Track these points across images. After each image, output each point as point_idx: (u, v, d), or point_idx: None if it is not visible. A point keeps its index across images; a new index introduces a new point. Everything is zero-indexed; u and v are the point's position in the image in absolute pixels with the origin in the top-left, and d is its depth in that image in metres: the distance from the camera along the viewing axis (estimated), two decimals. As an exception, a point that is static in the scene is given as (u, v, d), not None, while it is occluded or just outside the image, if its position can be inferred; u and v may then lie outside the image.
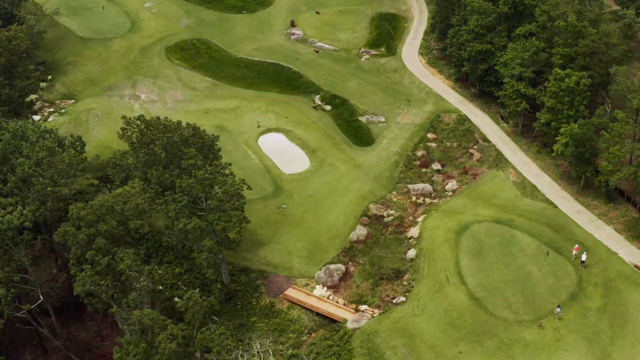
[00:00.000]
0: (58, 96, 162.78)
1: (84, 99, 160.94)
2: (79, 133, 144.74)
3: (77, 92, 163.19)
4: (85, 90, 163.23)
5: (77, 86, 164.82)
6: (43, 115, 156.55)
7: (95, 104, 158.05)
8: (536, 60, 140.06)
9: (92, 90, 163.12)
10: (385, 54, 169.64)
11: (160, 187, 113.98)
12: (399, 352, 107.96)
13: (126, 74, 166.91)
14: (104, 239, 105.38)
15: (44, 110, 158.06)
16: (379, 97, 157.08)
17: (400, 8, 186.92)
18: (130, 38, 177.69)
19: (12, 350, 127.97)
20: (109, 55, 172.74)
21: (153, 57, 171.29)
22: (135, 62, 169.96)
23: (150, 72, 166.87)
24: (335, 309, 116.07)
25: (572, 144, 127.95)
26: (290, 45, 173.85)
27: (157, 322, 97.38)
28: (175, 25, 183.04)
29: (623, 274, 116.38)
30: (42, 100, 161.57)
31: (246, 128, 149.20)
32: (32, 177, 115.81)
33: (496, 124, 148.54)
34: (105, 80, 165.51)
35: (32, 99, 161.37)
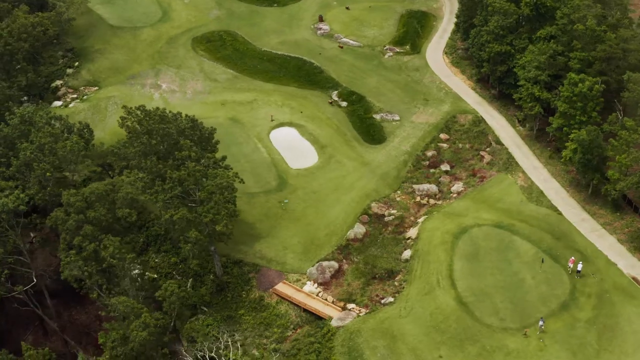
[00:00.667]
0: (82, 83, 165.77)
1: (106, 87, 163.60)
2: (97, 120, 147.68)
3: (102, 80, 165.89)
4: (109, 78, 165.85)
5: (102, 74, 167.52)
6: (65, 100, 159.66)
7: (117, 92, 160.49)
8: (553, 63, 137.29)
9: (116, 78, 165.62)
10: (410, 51, 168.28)
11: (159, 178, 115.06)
12: (378, 353, 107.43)
13: (151, 63, 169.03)
14: (91, 225, 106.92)
15: (67, 96, 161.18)
16: (396, 95, 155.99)
17: (431, 6, 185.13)
18: (160, 28, 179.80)
19: (13, 331, 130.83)
20: (136, 44, 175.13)
21: (179, 48, 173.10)
22: (161, 52, 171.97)
23: (175, 62, 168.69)
24: (323, 306, 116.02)
25: (580, 150, 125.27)
26: (316, 40, 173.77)
27: (133, 309, 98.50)
28: (205, 16, 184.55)
29: (619, 285, 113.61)
30: (66, 86, 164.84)
31: (260, 121, 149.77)
32: (34, 162, 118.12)
33: (512, 126, 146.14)
34: (130, 69, 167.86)
35: (58, 85, 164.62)
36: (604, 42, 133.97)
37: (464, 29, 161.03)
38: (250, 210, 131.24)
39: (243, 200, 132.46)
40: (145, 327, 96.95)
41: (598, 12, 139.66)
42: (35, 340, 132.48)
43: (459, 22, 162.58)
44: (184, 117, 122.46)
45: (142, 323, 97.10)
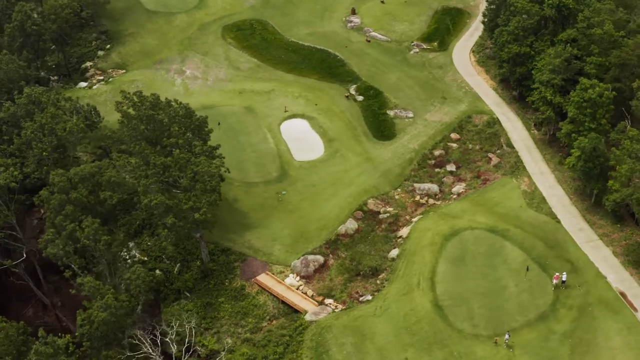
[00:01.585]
0: (111, 65, 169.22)
1: (133, 70, 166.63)
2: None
3: (130, 63, 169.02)
4: (137, 62, 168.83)
5: (131, 57, 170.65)
6: (91, 82, 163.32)
7: (141, 76, 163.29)
8: (568, 67, 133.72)
9: (144, 62, 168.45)
10: (436, 48, 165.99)
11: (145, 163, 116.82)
12: (344, 350, 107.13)
13: (179, 49, 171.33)
14: (72, 206, 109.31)
15: (93, 78, 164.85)
16: (414, 92, 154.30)
17: (468, 3, 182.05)
18: (194, 14, 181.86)
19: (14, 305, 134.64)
20: (169, 29, 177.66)
21: (209, 35, 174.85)
22: (191, 38, 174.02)
23: (202, 49, 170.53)
24: (300, 299, 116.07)
25: (582, 158, 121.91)
26: (345, 33, 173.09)
27: (98, 290, 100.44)
28: (240, 5, 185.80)
29: (604, 299, 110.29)
30: (95, 67, 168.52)
31: (273, 111, 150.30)
32: (33, 142, 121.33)
33: (527, 130, 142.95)
34: (159, 54, 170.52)
35: (87, 66, 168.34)
36: (620, 47, 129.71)
37: (489, 27, 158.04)
38: (246, 199, 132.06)
39: (241, 190, 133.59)
40: (106, 308, 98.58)
41: (621, 16, 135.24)
42: (35, 313, 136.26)
43: (485, 20, 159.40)
44: (177, 104, 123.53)
45: (104, 304, 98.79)
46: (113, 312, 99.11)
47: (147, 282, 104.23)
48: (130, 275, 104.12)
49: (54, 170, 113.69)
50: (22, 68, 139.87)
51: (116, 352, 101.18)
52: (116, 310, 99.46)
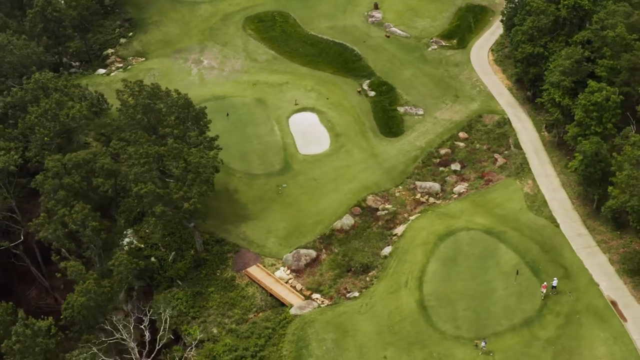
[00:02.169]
0: (132, 53, 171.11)
1: (152, 59, 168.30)
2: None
3: (150, 52, 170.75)
4: (158, 50, 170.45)
5: (152, 45, 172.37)
6: (110, 69, 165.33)
7: (159, 65, 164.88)
8: (578, 69, 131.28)
9: (164, 51, 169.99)
10: (455, 46, 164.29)
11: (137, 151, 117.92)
12: (324, 346, 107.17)
13: (200, 39, 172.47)
14: (64, 191, 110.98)
15: (112, 65, 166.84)
16: (427, 89, 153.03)
17: (493, 1, 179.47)
18: (218, 4, 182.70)
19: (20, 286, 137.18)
20: (191, 18, 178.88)
21: (230, 25, 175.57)
22: (213, 29, 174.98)
23: (222, 39, 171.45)
24: (288, 293, 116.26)
25: (584, 162, 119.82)
26: (365, 28, 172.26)
27: (80, 275, 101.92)
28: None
29: (593, 307, 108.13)
30: (116, 55, 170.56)
31: (284, 104, 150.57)
32: (36, 126, 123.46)
33: (537, 131, 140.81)
34: (179, 43, 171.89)
35: (108, 53, 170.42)
36: (632, 51, 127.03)
37: (508, 26, 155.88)
38: (247, 191, 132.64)
39: (243, 181, 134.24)
40: (86, 292, 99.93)
41: (637, 19, 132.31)
42: (38, 295, 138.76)
43: (504, 19, 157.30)
44: (177, 94, 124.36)
45: (84, 289, 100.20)
46: (92, 297, 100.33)
47: (129, 269, 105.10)
48: (114, 262, 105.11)
49: (50, 156, 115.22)
50: (35, 53, 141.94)
51: (95, 337, 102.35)
52: (96, 295, 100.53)
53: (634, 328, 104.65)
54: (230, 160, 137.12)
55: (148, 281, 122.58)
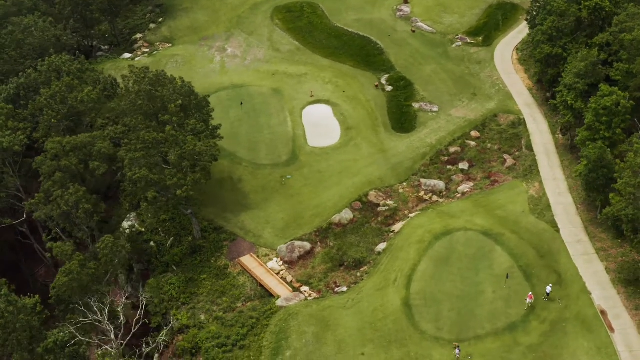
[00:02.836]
0: (159, 38, 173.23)
1: (178, 45, 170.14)
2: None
3: (177, 38, 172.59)
4: (184, 37, 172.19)
5: (179, 32, 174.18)
6: (136, 54, 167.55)
7: (183, 51, 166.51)
8: (592, 72, 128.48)
9: (190, 37, 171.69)
10: (480, 43, 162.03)
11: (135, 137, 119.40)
12: (303, 339, 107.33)
13: (227, 26, 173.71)
14: (61, 173, 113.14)
15: (138, 50, 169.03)
16: (446, 86, 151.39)
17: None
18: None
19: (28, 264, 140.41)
20: (221, 6, 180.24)
21: (258, 14, 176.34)
22: (241, 17, 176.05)
23: (248, 28, 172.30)
24: (277, 284, 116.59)
25: (587, 167, 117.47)
26: (392, 22, 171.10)
27: (65, 255, 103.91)
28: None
29: (582, 316, 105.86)
30: (144, 40, 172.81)
31: (300, 95, 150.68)
32: (45, 108, 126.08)
33: (551, 134, 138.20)
34: (206, 30, 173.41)
35: (137, 38, 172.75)
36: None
37: (532, 25, 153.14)
38: (251, 180, 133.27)
39: (248, 170, 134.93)
40: (68, 273, 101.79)
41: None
42: (47, 272, 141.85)
43: (528, 18, 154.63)
44: (179, 81, 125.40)
45: (67, 269, 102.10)
46: (75, 278, 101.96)
47: (114, 252, 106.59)
48: (100, 244, 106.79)
49: (52, 138, 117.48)
50: (55, 36, 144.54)
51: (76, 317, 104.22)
52: (79, 276, 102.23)
53: (620, 339, 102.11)
54: (238, 149, 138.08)
55: (146, 265, 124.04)
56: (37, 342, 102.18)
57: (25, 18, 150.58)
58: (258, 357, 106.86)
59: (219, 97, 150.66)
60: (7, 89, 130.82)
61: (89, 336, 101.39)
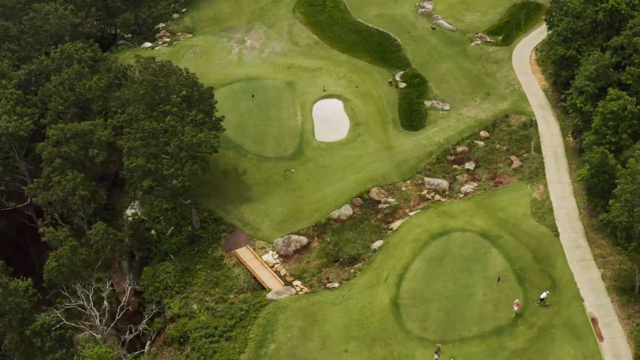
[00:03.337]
0: (181, 28, 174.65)
1: (199, 35, 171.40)
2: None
3: (199, 28, 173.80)
4: (206, 28, 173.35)
5: (201, 22, 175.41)
6: (156, 43, 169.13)
7: (202, 42, 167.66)
8: (603, 75, 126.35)
9: (211, 28, 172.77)
10: (499, 42, 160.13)
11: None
12: (289, 333, 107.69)
13: (249, 18, 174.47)
14: (60, 159, 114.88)
15: (159, 40, 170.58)
16: (460, 84, 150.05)
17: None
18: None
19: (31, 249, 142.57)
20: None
21: (281, 7, 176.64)
22: (263, 9, 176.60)
23: (269, 20, 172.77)
24: (270, 277, 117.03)
25: (590, 172, 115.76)
26: (413, 18, 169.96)
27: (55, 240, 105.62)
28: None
29: (571, 323, 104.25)
30: (166, 29, 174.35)
31: (313, 89, 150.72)
32: (54, 95, 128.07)
33: (562, 136, 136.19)
34: (228, 22, 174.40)
35: (159, 27, 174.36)
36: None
37: (550, 26, 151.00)
38: (255, 172, 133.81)
39: (253, 162, 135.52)
40: (58, 258, 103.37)
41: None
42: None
43: (547, 18, 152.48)
44: (184, 72, 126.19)
45: (57, 254, 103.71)
46: (64, 263, 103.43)
47: (105, 239, 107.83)
48: (92, 231, 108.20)
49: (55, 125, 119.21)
50: (72, 24, 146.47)
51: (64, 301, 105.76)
52: (69, 261, 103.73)
53: (608, 348, 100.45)
54: (245, 141, 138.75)
55: (146, 253, 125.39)
56: (28, 324, 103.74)
57: (47, 5, 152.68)
58: (243, 348, 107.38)
59: (232, 88, 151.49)
60: (18, 75, 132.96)
61: (75, 321, 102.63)
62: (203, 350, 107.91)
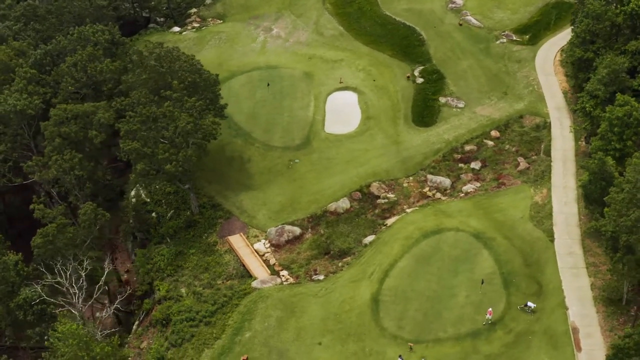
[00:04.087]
0: (212, 14, 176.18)
1: (228, 22, 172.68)
2: (193, 51, 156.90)
3: (229, 15, 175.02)
4: (236, 15, 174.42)
5: (232, 9, 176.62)
6: (184, 28, 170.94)
7: (229, 29, 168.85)
8: (615, 79, 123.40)
9: (241, 15, 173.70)
10: (525, 42, 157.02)
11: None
12: (266, 322, 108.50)
13: (279, 7, 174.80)
14: (60, 138, 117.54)
15: (189, 25, 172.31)
16: (478, 82, 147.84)
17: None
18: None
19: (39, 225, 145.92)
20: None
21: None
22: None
23: (299, 10, 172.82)
24: (257, 265, 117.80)
25: (588, 178, 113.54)
26: (441, 13, 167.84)
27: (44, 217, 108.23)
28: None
29: (550, 331, 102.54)
30: (197, 15, 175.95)
31: (330, 81, 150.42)
32: (66, 75, 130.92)
33: (574, 140, 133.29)
34: (258, 9, 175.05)
35: (191, 12, 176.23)
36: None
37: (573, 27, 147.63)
38: (259, 161, 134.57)
39: (259, 151, 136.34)
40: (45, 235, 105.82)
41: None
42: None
43: (572, 19, 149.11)
44: (189, 59, 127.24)
45: (44, 232, 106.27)
46: (50, 240, 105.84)
47: (91, 219, 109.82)
48: (81, 210, 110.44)
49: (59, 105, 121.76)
50: (95, 6, 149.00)
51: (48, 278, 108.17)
52: (55, 238, 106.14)
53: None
54: (255, 129, 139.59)
55: (146, 234, 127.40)
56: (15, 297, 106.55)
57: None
58: (220, 334, 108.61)
59: (250, 76, 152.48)
60: (35, 55, 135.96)
61: (55, 297, 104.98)
62: (181, 333, 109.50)
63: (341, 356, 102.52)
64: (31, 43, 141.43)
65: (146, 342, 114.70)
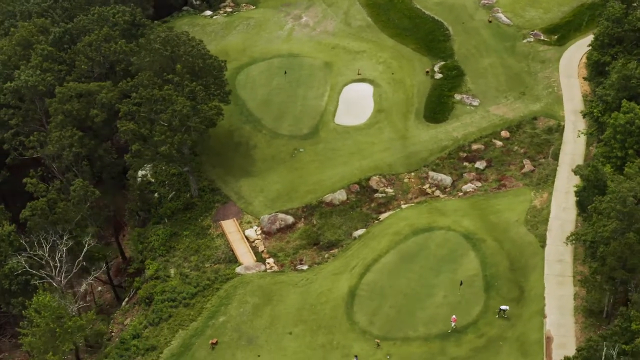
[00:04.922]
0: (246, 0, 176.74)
1: (260, 8, 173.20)
2: (219, 36, 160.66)
3: (262, 1, 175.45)
4: (269, 1, 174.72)
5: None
6: (216, 12, 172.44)
7: (259, 15, 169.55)
8: (625, 85, 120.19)
9: (274, 2, 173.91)
10: (552, 42, 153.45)
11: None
12: (242, 308, 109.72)
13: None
14: (62, 115, 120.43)
15: (221, 9, 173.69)
16: (497, 81, 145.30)
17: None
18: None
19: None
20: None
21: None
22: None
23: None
24: (245, 252, 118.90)
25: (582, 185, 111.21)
26: (472, 9, 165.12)
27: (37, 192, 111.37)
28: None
29: (524, 339, 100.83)
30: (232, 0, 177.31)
31: (348, 72, 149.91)
32: (81, 54, 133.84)
33: (586, 145, 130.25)
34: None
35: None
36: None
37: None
38: (264, 148, 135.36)
39: (265, 138, 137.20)
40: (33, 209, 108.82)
41: None
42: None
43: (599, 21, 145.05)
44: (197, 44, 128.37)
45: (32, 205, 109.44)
46: (38, 214, 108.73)
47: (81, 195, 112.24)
48: (72, 187, 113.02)
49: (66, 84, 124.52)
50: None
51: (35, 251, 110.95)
52: (42, 212, 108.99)
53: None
54: (265, 117, 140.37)
55: (147, 214, 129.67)
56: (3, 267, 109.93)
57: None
58: (196, 317, 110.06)
59: (270, 63, 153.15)
60: (55, 32, 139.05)
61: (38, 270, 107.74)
62: (160, 313, 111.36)
63: (309, 347, 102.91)
64: (56, 20, 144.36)
65: (130, 319, 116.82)
